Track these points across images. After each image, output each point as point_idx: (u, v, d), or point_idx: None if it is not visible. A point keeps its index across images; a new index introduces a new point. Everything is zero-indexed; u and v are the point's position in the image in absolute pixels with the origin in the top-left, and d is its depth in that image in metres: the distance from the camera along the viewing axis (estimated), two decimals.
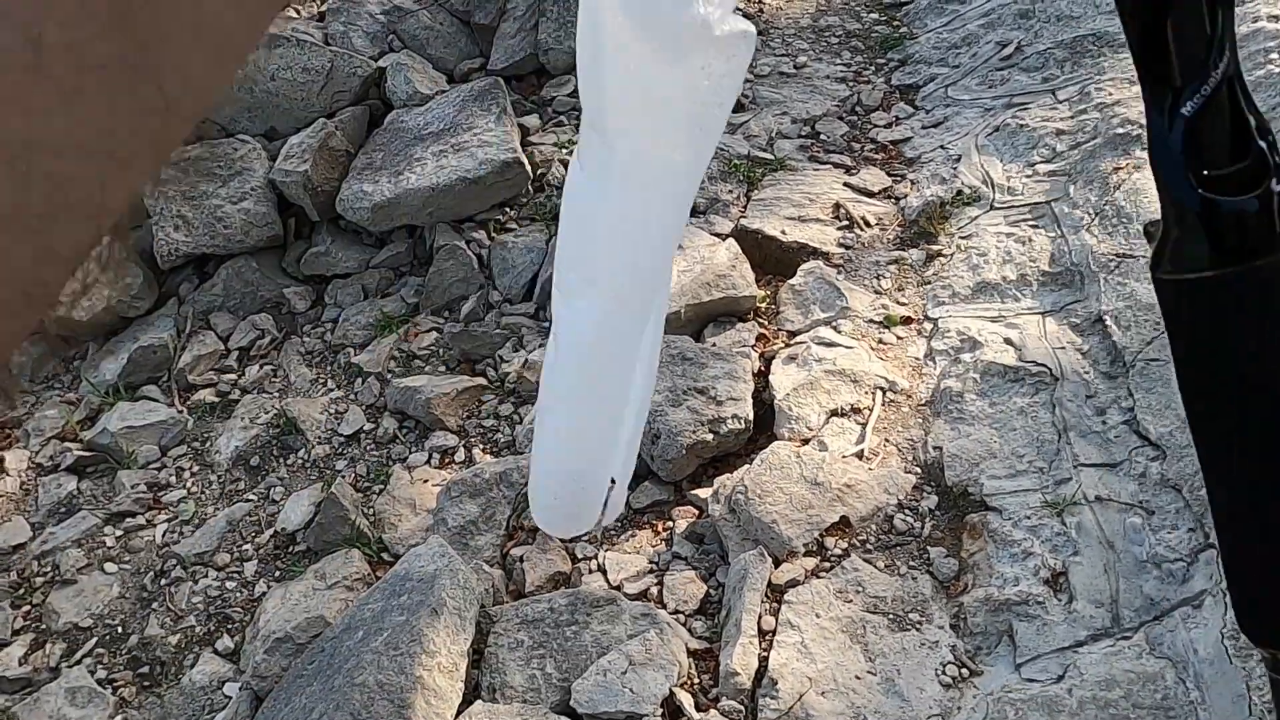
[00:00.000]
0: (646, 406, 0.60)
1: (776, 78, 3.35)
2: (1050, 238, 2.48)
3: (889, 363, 2.31)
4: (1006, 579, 1.83)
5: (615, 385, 0.55)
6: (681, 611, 1.93)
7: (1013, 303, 2.37)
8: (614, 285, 0.51)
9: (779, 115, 3.15)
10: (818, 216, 2.72)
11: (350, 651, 1.80)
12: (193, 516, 2.40)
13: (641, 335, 0.54)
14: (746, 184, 2.85)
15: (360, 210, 2.85)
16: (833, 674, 1.74)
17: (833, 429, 2.15)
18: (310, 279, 2.97)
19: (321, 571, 2.14)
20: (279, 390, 2.69)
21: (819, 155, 2.99)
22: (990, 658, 1.75)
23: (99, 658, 2.13)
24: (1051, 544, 1.86)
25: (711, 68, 0.41)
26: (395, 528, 2.24)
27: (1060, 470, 1.97)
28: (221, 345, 2.84)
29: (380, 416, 2.54)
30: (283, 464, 2.49)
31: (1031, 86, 3.00)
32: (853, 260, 2.60)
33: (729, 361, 2.29)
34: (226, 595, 2.22)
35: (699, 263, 2.50)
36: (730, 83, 0.43)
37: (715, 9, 0.40)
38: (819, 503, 1.99)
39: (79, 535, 2.36)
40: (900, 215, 2.73)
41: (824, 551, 1.95)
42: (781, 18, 3.71)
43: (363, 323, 2.79)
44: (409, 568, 1.94)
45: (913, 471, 2.07)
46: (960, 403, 2.15)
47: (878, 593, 1.85)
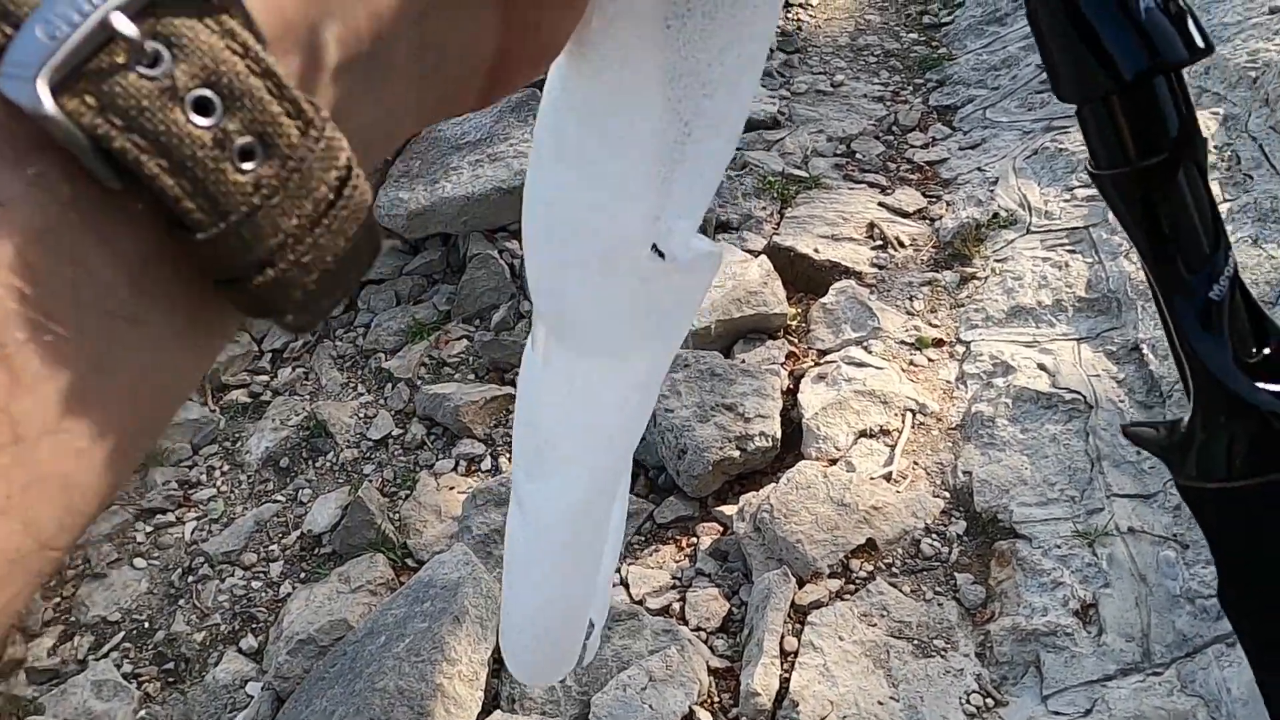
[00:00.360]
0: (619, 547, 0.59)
1: (813, 95, 3.35)
2: (1087, 263, 2.45)
3: (920, 385, 2.29)
4: (1035, 608, 1.80)
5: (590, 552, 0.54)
6: (703, 629, 1.92)
7: (1047, 328, 2.34)
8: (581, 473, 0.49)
9: (815, 133, 3.14)
10: (851, 235, 2.71)
11: (372, 656, 1.81)
12: (222, 515, 2.43)
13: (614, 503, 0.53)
14: (780, 201, 2.85)
15: (396, 217, 2.88)
16: (855, 698, 1.72)
17: (861, 450, 2.13)
18: None
19: (346, 575, 2.15)
20: (310, 393, 2.72)
21: (854, 174, 2.98)
22: (1016, 688, 1.72)
23: (125, 652, 2.16)
24: (1082, 574, 1.83)
25: (674, 287, 0.39)
26: (420, 534, 2.25)
27: (1092, 500, 1.94)
28: (255, 346, 2.88)
29: (409, 422, 2.56)
30: (311, 466, 2.52)
31: (1071, 110, 2.97)
32: (885, 280, 2.59)
33: (758, 379, 2.28)
34: (252, 595, 2.24)
35: (730, 279, 2.50)
36: (697, 295, 0.41)
37: (678, 239, 0.37)
38: (845, 524, 1.97)
39: (110, 530, 2.39)
40: (935, 236, 2.71)
41: (849, 573, 1.93)
42: (820, 36, 3.71)
43: (394, 329, 2.81)
44: (432, 575, 1.95)
45: (941, 496, 2.05)
46: (991, 428, 2.13)
47: (902, 617, 1.83)
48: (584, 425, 0.46)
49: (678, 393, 2.24)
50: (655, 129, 0.34)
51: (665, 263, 0.37)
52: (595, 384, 0.44)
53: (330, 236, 0.21)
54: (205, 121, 0.19)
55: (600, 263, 0.38)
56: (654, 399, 0.48)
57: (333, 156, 0.21)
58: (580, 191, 0.37)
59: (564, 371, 0.44)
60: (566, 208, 0.38)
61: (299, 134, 0.20)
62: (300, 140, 0.20)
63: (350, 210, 0.21)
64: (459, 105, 0.27)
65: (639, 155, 0.35)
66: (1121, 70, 0.22)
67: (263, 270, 0.20)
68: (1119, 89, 0.23)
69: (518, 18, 0.27)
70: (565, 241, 0.39)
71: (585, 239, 0.38)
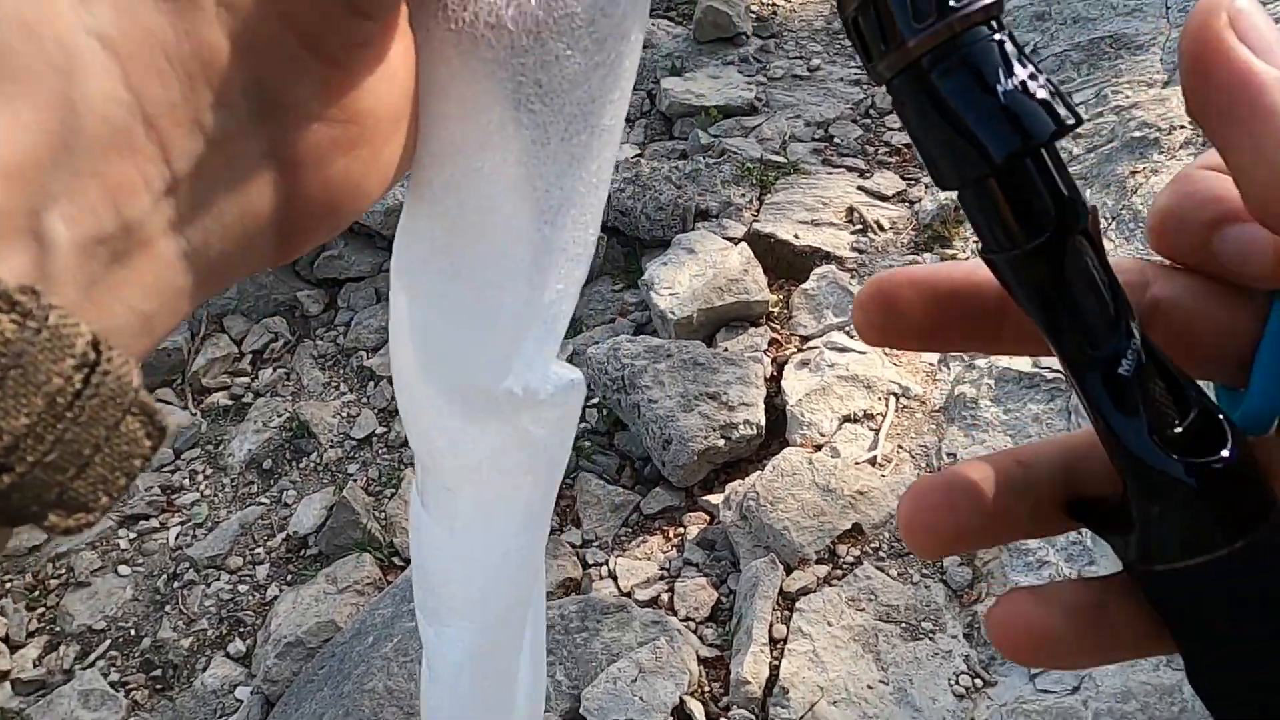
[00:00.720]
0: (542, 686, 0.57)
1: (790, 81, 3.34)
2: None
3: (902, 368, 2.29)
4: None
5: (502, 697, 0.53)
6: (692, 619, 1.92)
7: None
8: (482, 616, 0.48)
9: (792, 118, 3.14)
10: (831, 220, 2.70)
11: (360, 657, 1.80)
12: (206, 519, 2.42)
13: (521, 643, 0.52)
14: (759, 188, 2.84)
15: (373, 214, 2.86)
16: (844, 683, 1.72)
17: (845, 435, 2.14)
18: (323, 282, 2.99)
19: (333, 575, 2.14)
20: (292, 393, 2.71)
21: (832, 159, 2.98)
22: (1004, 668, 1.73)
23: (112, 660, 2.14)
24: (1067, 553, 1.84)
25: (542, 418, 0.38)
26: (406, 532, 2.24)
27: None
28: (235, 348, 2.85)
29: (392, 420, 2.55)
30: (295, 467, 2.50)
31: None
32: (866, 264, 2.58)
33: (741, 366, 2.28)
34: (238, 599, 2.23)
35: (711, 267, 2.49)
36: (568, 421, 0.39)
37: (537, 372, 0.35)
38: (831, 509, 1.98)
39: (93, 538, 2.37)
40: (914, 219, 2.71)
41: (836, 559, 1.93)
42: (795, 21, 3.70)
43: (375, 326, 2.79)
44: None
45: None
46: (974, 409, 2.13)
47: (890, 601, 1.84)
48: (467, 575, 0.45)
49: (661, 383, 2.24)
50: (500, 259, 0.33)
51: (524, 398, 0.36)
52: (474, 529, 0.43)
53: (81, 429, 0.19)
54: None
55: (460, 400, 0.37)
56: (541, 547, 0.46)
57: (64, 345, 0.19)
58: (435, 328, 0.36)
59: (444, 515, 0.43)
60: (425, 348, 0.37)
61: (14, 327, 0.18)
62: (16, 334, 0.18)
63: (104, 396, 0.20)
64: (245, 269, 0.25)
65: (487, 287, 0.33)
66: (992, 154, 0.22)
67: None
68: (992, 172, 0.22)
69: (303, 176, 0.25)
70: (427, 381, 0.38)
71: (445, 377, 0.37)
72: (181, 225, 0.22)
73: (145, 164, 0.21)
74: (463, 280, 0.33)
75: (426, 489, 0.43)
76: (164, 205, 0.22)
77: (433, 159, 0.30)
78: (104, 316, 0.21)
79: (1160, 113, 2.61)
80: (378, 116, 0.26)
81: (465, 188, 0.31)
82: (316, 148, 0.24)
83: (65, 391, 0.19)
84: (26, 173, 0.19)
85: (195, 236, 0.23)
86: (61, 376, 0.19)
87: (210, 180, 0.23)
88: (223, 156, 0.23)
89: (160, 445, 0.21)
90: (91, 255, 0.21)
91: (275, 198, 0.24)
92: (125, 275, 0.22)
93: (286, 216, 0.25)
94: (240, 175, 0.23)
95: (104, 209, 0.20)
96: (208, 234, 0.23)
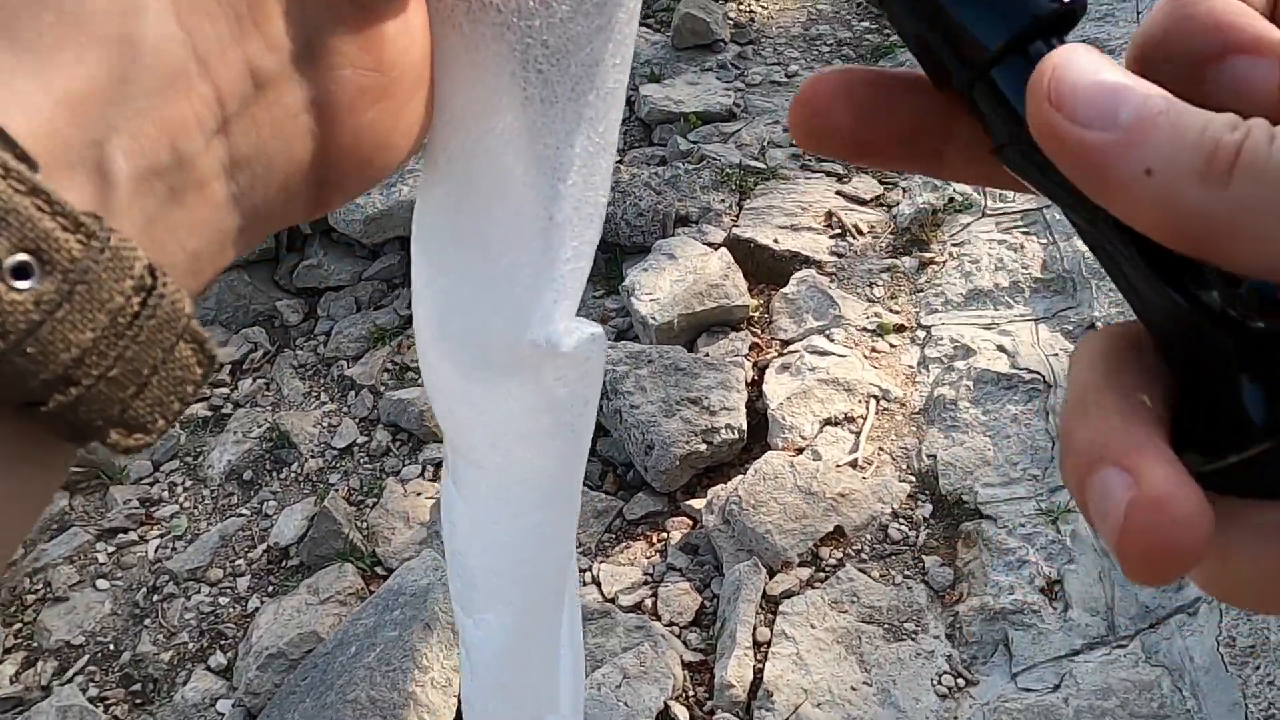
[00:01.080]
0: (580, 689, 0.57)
1: (768, 86, 3.36)
2: (1042, 244, 2.48)
3: (882, 371, 2.31)
4: (1002, 588, 1.82)
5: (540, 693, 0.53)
6: (676, 623, 1.92)
7: (1005, 310, 2.37)
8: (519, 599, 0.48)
9: (770, 124, 3.15)
10: (810, 225, 2.72)
11: (343, 667, 1.79)
12: (185, 532, 2.39)
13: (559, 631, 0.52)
14: (738, 193, 2.85)
15: (353, 223, 2.85)
16: (828, 685, 1.73)
17: (826, 438, 2.15)
18: (303, 292, 2.97)
19: (314, 586, 2.13)
20: (272, 404, 2.69)
21: (811, 164, 2.99)
22: (986, 667, 1.75)
23: (91, 675, 2.12)
24: (1046, 552, 1.86)
25: (566, 376, 0.39)
26: (389, 541, 2.23)
27: (1054, 478, 1.97)
28: None
29: (373, 429, 2.54)
30: (275, 478, 2.48)
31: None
32: (845, 268, 2.60)
33: (722, 371, 2.28)
34: (219, 611, 2.21)
35: (691, 272, 2.50)
36: (590, 380, 0.40)
37: (557, 325, 0.36)
38: (813, 512, 1.98)
39: (71, 552, 2.34)
40: (892, 223, 2.73)
41: (819, 561, 1.94)
42: (772, 27, 3.72)
43: (355, 335, 2.78)
44: (402, 582, 1.93)
45: (907, 480, 2.07)
46: (954, 410, 2.15)
47: (873, 602, 1.85)
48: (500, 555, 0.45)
49: (643, 388, 2.24)
50: (515, 218, 0.34)
51: (546, 349, 0.37)
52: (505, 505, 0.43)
53: (140, 348, 0.21)
54: None
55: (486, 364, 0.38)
56: (572, 528, 0.47)
57: (124, 266, 0.20)
58: (456, 294, 0.37)
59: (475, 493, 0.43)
60: (447, 317, 0.38)
61: (80, 246, 0.19)
62: (82, 253, 0.19)
63: (160, 319, 0.21)
64: (283, 220, 0.27)
65: (504, 247, 0.34)
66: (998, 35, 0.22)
67: (65, 389, 0.20)
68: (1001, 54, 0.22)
69: (336, 130, 0.26)
70: (451, 350, 0.38)
71: (468, 342, 0.38)
72: (232, 169, 0.24)
73: (198, 103, 0.22)
74: (480, 242, 0.35)
75: (457, 470, 0.43)
76: (216, 146, 0.23)
77: (446, 125, 0.31)
78: (158, 254, 0.22)
79: None
80: (402, 69, 0.27)
81: (479, 150, 0.32)
82: (350, 96, 0.26)
83: (125, 311, 0.20)
84: (89, 106, 0.20)
85: (243, 180, 0.24)
86: (122, 295, 0.20)
87: (257, 125, 0.24)
88: (268, 101, 0.24)
89: (210, 374, 0.22)
90: (148, 191, 0.22)
91: (313, 146, 0.26)
92: (179, 215, 0.23)
93: (322, 166, 0.26)
94: (283, 121, 0.25)
95: (160, 144, 0.22)
96: (254, 179, 0.24)
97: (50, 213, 0.19)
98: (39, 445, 0.21)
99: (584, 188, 0.34)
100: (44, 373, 0.19)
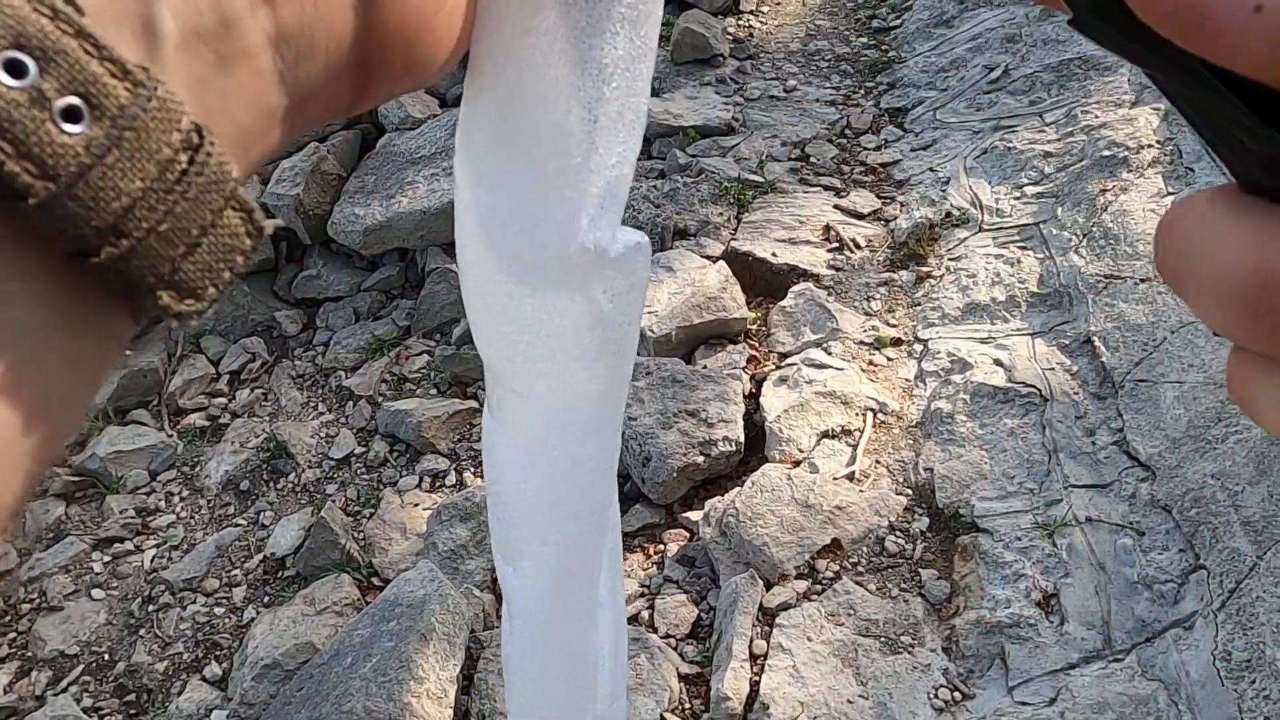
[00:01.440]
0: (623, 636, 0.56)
1: (766, 101, 3.38)
2: (1039, 259, 2.49)
3: (879, 384, 2.31)
4: (998, 601, 1.82)
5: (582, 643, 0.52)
6: (673, 635, 1.92)
7: (1002, 324, 2.38)
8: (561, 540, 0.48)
9: (769, 138, 3.17)
10: (808, 239, 2.73)
11: (338, 678, 1.79)
12: (181, 542, 2.39)
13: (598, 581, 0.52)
14: (737, 206, 2.86)
15: (352, 233, 2.86)
16: (825, 698, 1.73)
17: (824, 451, 2.15)
18: (302, 302, 2.98)
19: (311, 597, 2.12)
20: (269, 414, 2.69)
21: (809, 178, 3.01)
22: (982, 680, 1.74)
23: (85, 685, 2.11)
24: (1043, 565, 1.86)
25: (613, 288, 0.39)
26: (385, 552, 2.23)
27: (1051, 491, 1.97)
28: (212, 369, 2.83)
29: (371, 440, 2.54)
30: (273, 488, 2.48)
31: (1019, 109, 3.03)
32: (843, 282, 2.61)
33: (720, 384, 2.29)
34: (215, 621, 2.20)
35: (689, 285, 2.51)
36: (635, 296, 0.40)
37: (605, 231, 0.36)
38: (810, 525, 1.99)
39: (66, 561, 2.34)
40: (890, 237, 2.75)
41: (815, 574, 1.94)
42: (771, 42, 3.74)
43: (354, 346, 2.79)
44: (398, 593, 1.93)
45: (904, 493, 2.07)
46: (951, 424, 2.16)
47: (869, 615, 1.85)
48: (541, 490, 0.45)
49: (640, 400, 2.24)
50: (560, 121, 0.33)
51: (595, 254, 0.37)
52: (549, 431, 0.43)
53: (189, 205, 0.20)
54: (18, 83, 0.18)
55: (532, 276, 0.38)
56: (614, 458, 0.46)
57: (172, 118, 0.20)
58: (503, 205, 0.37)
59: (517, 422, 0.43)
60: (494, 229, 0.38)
61: (128, 93, 0.19)
62: (130, 100, 0.19)
63: (208, 178, 0.21)
64: (326, 106, 0.27)
65: (550, 150, 0.34)
66: None
67: (116, 240, 0.20)
68: None
69: (380, 9, 0.26)
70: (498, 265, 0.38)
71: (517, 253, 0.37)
72: (278, 42, 0.24)
73: None
74: (526, 148, 0.34)
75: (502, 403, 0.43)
76: (261, 15, 0.23)
77: (490, 26, 0.31)
78: (206, 121, 0.22)
79: (1129, 132, 2.67)
80: None
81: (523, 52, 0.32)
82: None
83: (174, 164, 0.20)
84: None
85: (288, 54, 0.24)
86: (170, 148, 0.20)
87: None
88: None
89: (258, 245, 0.22)
90: (195, 53, 0.22)
91: (357, 25, 0.25)
92: (227, 83, 0.23)
93: (366, 45, 0.26)
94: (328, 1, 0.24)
95: (206, 3, 0.22)
96: (299, 54, 0.24)
97: (99, 57, 0.19)
98: (97, 308, 0.21)
99: (627, 92, 0.34)
100: (95, 219, 0.19)
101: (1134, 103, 2.78)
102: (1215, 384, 1.99)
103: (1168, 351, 2.10)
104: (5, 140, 0.18)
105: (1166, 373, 2.06)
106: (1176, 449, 1.92)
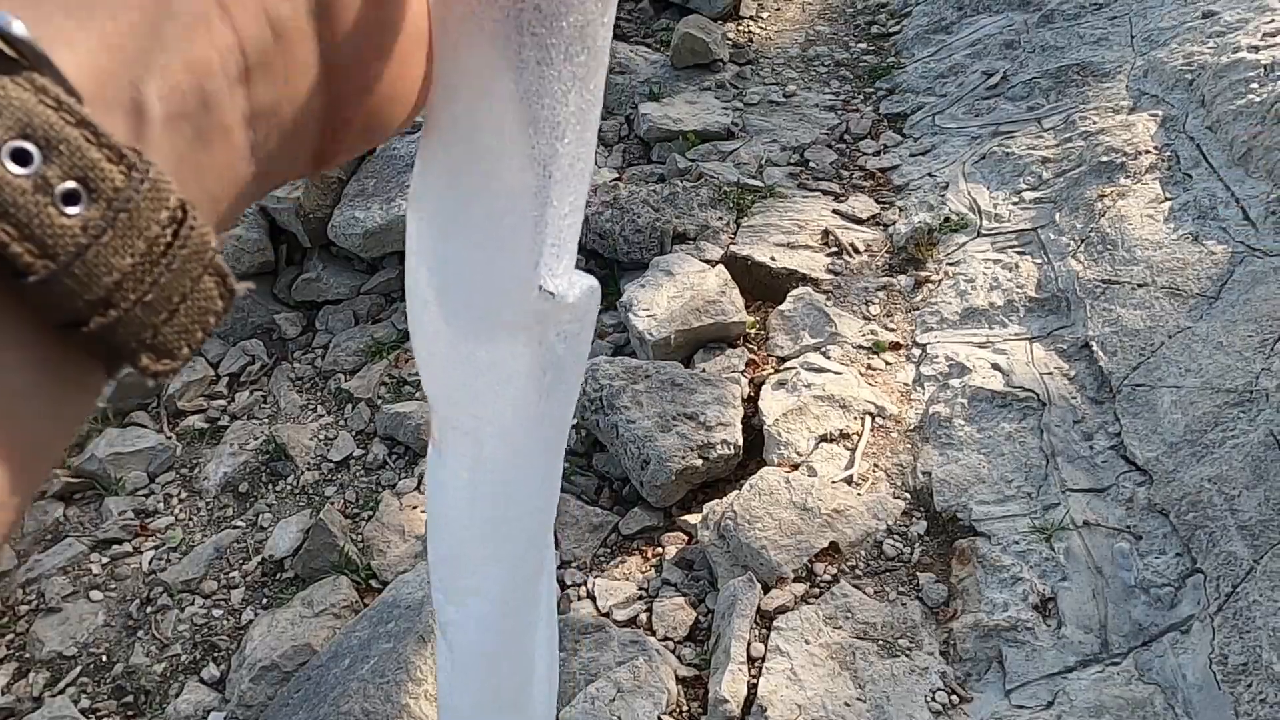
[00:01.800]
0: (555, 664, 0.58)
1: (766, 106, 3.39)
2: (1037, 264, 2.50)
3: (878, 388, 2.32)
4: (995, 605, 1.82)
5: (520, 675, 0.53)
6: (670, 638, 1.92)
7: (1000, 329, 2.38)
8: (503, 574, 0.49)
9: (768, 143, 3.18)
10: (807, 243, 2.74)
11: (336, 680, 1.79)
12: (180, 543, 2.39)
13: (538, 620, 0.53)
14: (736, 211, 2.87)
15: (352, 236, 2.86)
16: (822, 701, 1.73)
17: (822, 454, 2.15)
18: (301, 305, 2.98)
19: (309, 599, 2.12)
20: (269, 416, 2.69)
21: (808, 183, 3.02)
22: (980, 684, 1.75)
23: (83, 687, 2.11)
24: (1040, 569, 1.86)
25: (566, 330, 0.40)
26: (384, 554, 2.23)
27: (1048, 495, 1.98)
28: (212, 371, 2.84)
29: (370, 442, 2.54)
30: (271, 490, 2.48)
31: (1017, 115, 3.04)
32: (842, 286, 2.62)
33: (718, 387, 2.29)
34: (213, 623, 2.20)
35: (689, 289, 2.52)
36: (586, 335, 0.42)
37: (561, 279, 0.37)
38: (808, 528, 1.99)
39: (65, 562, 2.34)
40: (889, 242, 2.75)
41: (813, 577, 1.94)
42: (771, 48, 3.76)
43: (353, 349, 2.79)
44: (397, 595, 1.93)
45: (902, 497, 2.08)
46: (949, 428, 2.16)
47: (867, 619, 1.85)
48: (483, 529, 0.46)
49: (639, 404, 2.25)
50: (517, 177, 0.35)
51: (555, 299, 0.38)
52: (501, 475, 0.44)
53: (173, 276, 0.22)
54: (23, 170, 0.20)
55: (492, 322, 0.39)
56: (555, 495, 0.48)
57: (161, 197, 0.22)
58: (460, 257, 0.38)
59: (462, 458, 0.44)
60: (449, 279, 0.39)
61: (122, 177, 0.21)
62: (125, 183, 0.21)
63: (191, 250, 0.22)
64: (286, 174, 0.28)
65: (506, 207, 0.36)
66: None
67: (105, 310, 0.21)
68: None
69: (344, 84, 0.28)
70: (455, 312, 0.39)
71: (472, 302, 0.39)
72: (252, 119, 0.25)
73: (221, 46, 0.24)
74: (483, 203, 0.36)
75: (442, 436, 0.44)
76: (238, 94, 0.25)
77: (446, 91, 0.33)
78: (184, 193, 0.23)
79: (1126, 138, 2.68)
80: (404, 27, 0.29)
81: (478, 112, 0.33)
82: (357, 50, 0.28)
83: (160, 240, 0.22)
84: (127, 48, 0.22)
85: (260, 129, 0.26)
86: (159, 225, 0.22)
87: (275, 75, 0.26)
88: (285, 51, 0.26)
89: (230, 307, 0.24)
90: (178, 131, 0.23)
91: (323, 98, 0.27)
92: (204, 157, 0.24)
93: (332, 119, 0.28)
94: (298, 73, 0.26)
95: (188, 85, 0.23)
96: (270, 129, 0.26)
97: (97, 144, 0.20)
98: (77, 367, 0.22)
99: (578, 144, 0.36)
100: (88, 294, 0.21)
101: (1132, 109, 2.79)
102: (1212, 388, 1.99)
103: (1165, 356, 2.10)
104: (10, 224, 0.20)
105: (1164, 377, 2.07)
106: (1174, 453, 1.93)
